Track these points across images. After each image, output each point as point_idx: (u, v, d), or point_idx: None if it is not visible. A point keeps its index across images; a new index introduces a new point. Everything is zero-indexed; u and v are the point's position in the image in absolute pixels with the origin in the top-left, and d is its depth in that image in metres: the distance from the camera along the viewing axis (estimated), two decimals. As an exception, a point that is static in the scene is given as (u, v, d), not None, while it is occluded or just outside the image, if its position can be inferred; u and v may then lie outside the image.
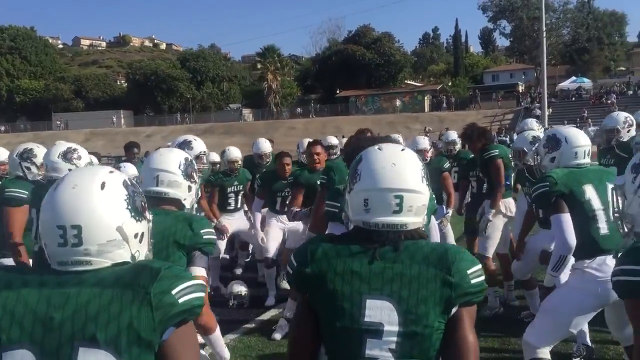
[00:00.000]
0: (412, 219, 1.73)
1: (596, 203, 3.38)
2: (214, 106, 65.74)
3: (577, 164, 3.61)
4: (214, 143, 24.81)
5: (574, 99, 46.90)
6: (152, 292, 1.39)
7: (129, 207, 1.53)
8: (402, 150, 1.82)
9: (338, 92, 58.82)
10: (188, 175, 2.88)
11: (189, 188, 2.89)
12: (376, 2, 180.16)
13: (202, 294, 1.48)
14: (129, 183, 1.59)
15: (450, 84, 60.71)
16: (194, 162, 3.00)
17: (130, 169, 6.53)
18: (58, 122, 62.63)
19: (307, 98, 66.33)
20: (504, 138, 32.20)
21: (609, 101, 42.59)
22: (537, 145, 5.30)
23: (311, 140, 6.40)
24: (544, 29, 39.81)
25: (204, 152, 4.79)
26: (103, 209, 1.46)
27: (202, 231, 2.69)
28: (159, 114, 63.15)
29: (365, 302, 1.65)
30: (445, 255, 1.67)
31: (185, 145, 5.39)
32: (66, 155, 3.82)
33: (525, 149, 5.46)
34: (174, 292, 1.41)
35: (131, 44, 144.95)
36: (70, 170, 3.79)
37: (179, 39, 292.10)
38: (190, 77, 66.18)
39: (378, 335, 1.64)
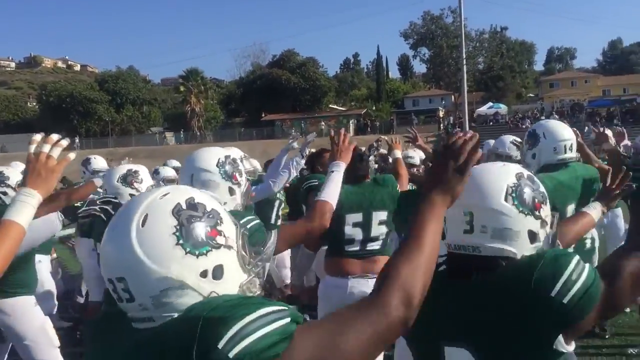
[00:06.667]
0: None
1: None
2: (134, 129, 63.68)
3: (558, 160, 3.40)
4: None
5: (491, 123, 48.88)
6: (195, 355, 1.00)
7: (181, 241, 1.13)
8: None
9: (263, 115, 58.54)
10: (229, 176, 2.46)
11: (230, 191, 2.47)
12: (300, 28, 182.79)
13: (269, 328, 1.03)
14: (185, 206, 1.17)
15: (374, 108, 61.93)
16: (239, 162, 2.56)
17: (100, 162, 5.99)
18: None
19: (232, 122, 65.66)
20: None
21: (524, 126, 44.71)
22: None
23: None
24: (464, 57, 41.57)
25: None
26: (143, 254, 1.11)
27: None
28: (75, 138, 60.28)
29: None
30: None
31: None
32: (126, 179, 3.44)
33: (514, 156, 4.85)
34: (220, 345, 1.00)
35: (43, 64, 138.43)
36: (131, 195, 3.45)
37: (95, 60, 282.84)
38: (109, 99, 63.82)
39: None
